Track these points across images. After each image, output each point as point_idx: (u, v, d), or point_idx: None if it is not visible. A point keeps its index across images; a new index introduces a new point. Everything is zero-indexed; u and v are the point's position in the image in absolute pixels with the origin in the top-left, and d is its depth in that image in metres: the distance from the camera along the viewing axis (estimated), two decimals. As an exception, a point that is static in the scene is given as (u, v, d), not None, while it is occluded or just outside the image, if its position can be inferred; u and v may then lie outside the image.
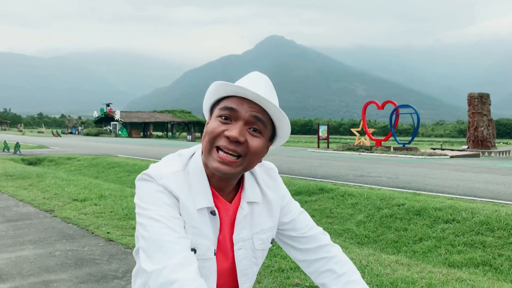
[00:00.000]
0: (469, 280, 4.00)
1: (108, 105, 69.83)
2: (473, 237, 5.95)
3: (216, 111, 1.31)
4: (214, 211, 1.34)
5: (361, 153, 25.85)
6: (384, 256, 4.83)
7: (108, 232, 5.58)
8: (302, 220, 1.54)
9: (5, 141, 23.51)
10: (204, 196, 1.33)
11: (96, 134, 63.95)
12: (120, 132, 64.36)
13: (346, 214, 7.48)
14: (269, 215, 1.46)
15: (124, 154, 20.29)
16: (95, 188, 8.94)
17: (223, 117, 1.29)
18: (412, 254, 5.86)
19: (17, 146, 20.00)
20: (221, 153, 1.27)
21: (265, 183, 1.48)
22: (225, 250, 1.39)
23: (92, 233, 5.64)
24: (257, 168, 1.48)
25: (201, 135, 1.41)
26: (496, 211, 6.51)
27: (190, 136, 54.77)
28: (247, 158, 1.29)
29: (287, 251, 1.59)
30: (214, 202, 1.36)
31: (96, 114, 73.40)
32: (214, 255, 1.35)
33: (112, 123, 67.19)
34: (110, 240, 5.28)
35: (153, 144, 34.81)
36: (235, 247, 1.39)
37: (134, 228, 5.76)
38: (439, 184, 10.52)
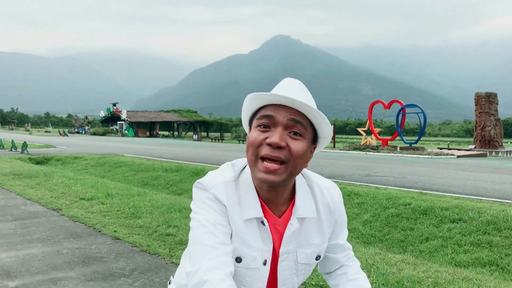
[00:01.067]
0: (476, 280, 3.99)
1: (114, 104, 70.05)
2: (479, 236, 5.93)
3: (255, 122, 1.33)
4: (264, 221, 1.36)
5: (368, 152, 25.80)
6: (390, 255, 4.83)
7: (115, 231, 5.61)
8: (344, 245, 1.57)
9: (12, 140, 23.66)
10: (252, 207, 1.35)
11: (103, 134, 64.20)
12: (126, 131, 64.57)
13: (352, 213, 7.47)
14: (318, 231, 1.45)
15: (131, 153, 20.37)
16: (102, 187, 8.99)
17: (262, 126, 1.30)
18: (419, 254, 5.85)
19: (25, 145, 20.11)
20: (265, 163, 1.27)
21: (324, 200, 1.46)
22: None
23: (99, 231, 5.67)
24: (320, 182, 1.48)
25: (207, 134, 1.42)
26: (503, 210, 6.48)
27: (196, 136, 54.85)
28: (291, 163, 1.28)
29: (319, 263, 1.62)
30: (264, 215, 1.37)
31: (102, 113, 73.66)
32: (264, 264, 1.38)
33: (118, 122, 67.41)
34: (117, 239, 5.31)
35: (159, 144, 34.91)
36: (279, 259, 1.40)
37: (140, 227, 5.81)
38: (445, 184, 10.49)
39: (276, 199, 1.37)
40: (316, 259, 1.47)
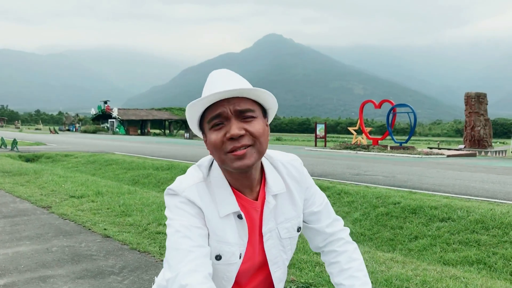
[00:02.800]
0: (463, 278, 4.03)
1: (105, 102, 69.70)
2: (468, 235, 5.99)
3: (207, 126, 1.35)
4: (241, 215, 1.40)
5: (358, 151, 25.90)
6: (379, 253, 4.86)
7: (105, 229, 5.59)
8: (326, 212, 1.58)
9: (2, 137, 23.45)
10: (228, 202, 1.39)
11: (94, 132, 63.86)
12: (117, 129, 64.25)
13: (342, 212, 7.51)
14: (292, 204, 1.50)
15: (122, 151, 20.28)
16: (92, 185, 8.95)
17: (215, 126, 1.33)
18: (408, 252, 5.89)
19: (15, 142, 19.96)
20: (233, 153, 1.31)
21: (288, 173, 1.51)
22: (254, 243, 1.45)
23: (89, 229, 5.65)
24: (279, 158, 1.53)
25: None
26: (491, 210, 6.54)
27: (188, 134, 54.71)
28: (257, 143, 1.33)
29: (307, 238, 1.65)
30: (241, 204, 1.41)
31: (93, 111, 73.23)
32: (240, 258, 1.41)
33: (109, 120, 67.07)
34: (107, 237, 5.29)
35: (151, 142, 34.79)
36: (264, 238, 1.45)
37: (131, 225, 5.80)
38: (435, 183, 10.56)
39: (250, 183, 1.41)
40: (298, 230, 1.53)
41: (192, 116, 1.37)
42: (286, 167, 1.51)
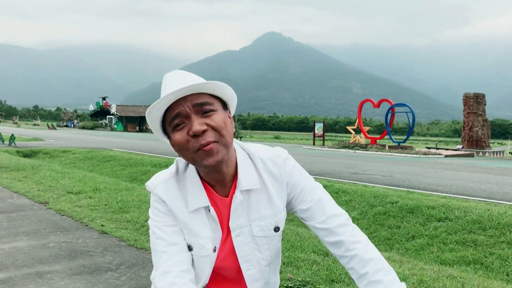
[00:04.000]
0: (460, 278, 4.04)
1: (104, 98, 69.63)
2: (465, 235, 6.00)
3: (169, 128, 1.35)
4: (210, 209, 1.40)
5: (356, 151, 25.91)
6: (376, 252, 4.86)
7: (102, 225, 5.59)
8: (320, 208, 1.49)
9: (0, 133, 23.41)
10: (198, 197, 1.40)
11: (92, 128, 63.78)
12: (115, 126, 64.21)
13: (340, 211, 7.50)
14: (268, 201, 1.45)
15: (120, 148, 20.26)
16: (90, 181, 8.94)
17: (177, 126, 1.32)
18: (405, 252, 5.90)
19: (12, 138, 19.93)
20: (202, 150, 1.30)
21: (266, 169, 1.46)
22: (226, 239, 1.45)
23: (86, 225, 5.65)
24: (260, 153, 1.48)
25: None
26: (488, 210, 6.56)
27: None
28: (221, 137, 1.31)
29: None
30: (211, 199, 1.41)
31: (92, 107, 73.17)
32: (214, 251, 1.43)
33: (108, 116, 67.02)
34: (104, 233, 5.29)
35: (149, 139, 34.76)
36: (232, 234, 1.43)
37: (128, 221, 5.79)
38: (432, 183, 10.58)
39: (224, 179, 1.41)
40: (275, 230, 1.47)
41: (153, 121, 1.36)
42: (264, 162, 1.46)
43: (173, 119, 1.32)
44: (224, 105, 1.39)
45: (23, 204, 6.89)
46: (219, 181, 1.41)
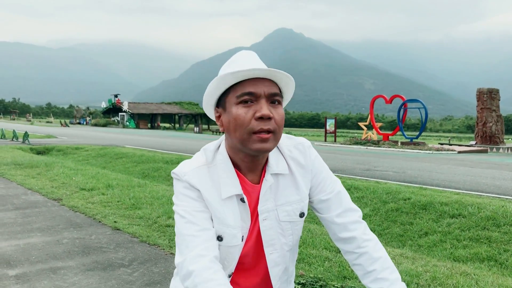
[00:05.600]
0: (474, 275, 4.00)
1: (116, 96, 69.97)
2: (478, 232, 5.94)
3: (233, 100, 1.32)
4: (243, 198, 1.40)
5: (368, 147, 25.78)
6: (389, 249, 4.84)
7: (115, 221, 5.63)
8: (337, 201, 1.51)
9: (14, 130, 23.67)
10: (231, 184, 1.39)
11: (104, 125, 64.17)
12: (127, 123, 64.53)
13: (352, 207, 7.47)
14: (295, 187, 1.47)
15: (132, 145, 20.38)
16: (103, 178, 9.00)
17: (244, 102, 1.31)
18: (417, 248, 5.86)
19: (26, 135, 20.14)
20: (260, 134, 1.30)
21: (292, 156, 1.48)
22: (251, 220, 1.44)
23: (99, 222, 5.69)
24: (285, 141, 1.50)
25: (208, 127, 1.43)
26: (502, 206, 6.49)
27: (197, 128, 54.83)
28: (277, 131, 1.33)
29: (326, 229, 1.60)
30: (243, 187, 1.41)
31: (104, 105, 73.56)
32: (242, 241, 1.41)
33: (120, 114, 67.33)
34: (117, 229, 5.32)
35: (160, 136, 34.91)
36: (260, 218, 1.43)
37: (140, 218, 5.82)
38: (446, 179, 10.49)
39: (257, 166, 1.42)
40: (300, 216, 1.48)
41: (217, 89, 1.34)
42: (290, 150, 1.49)
43: (244, 94, 1.30)
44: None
45: (37, 201, 6.96)
46: (252, 168, 1.42)
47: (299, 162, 1.48)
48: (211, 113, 1.44)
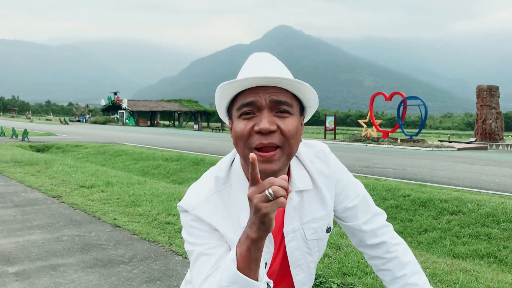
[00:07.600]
0: (473, 271, 4.00)
1: (115, 93, 69.92)
2: (478, 229, 5.95)
3: (235, 112, 1.20)
4: None
5: (368, 144, 25.79)
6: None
7: (114, 219, 5.63)
8: (364, 207, 1.42)
9: (13, 128, 23.65)
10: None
11: (104, 122, 64.14)
12: (127, 120, 64.49)
13: (351, 204, 7.48)
14: (320, 202, 1.35)
15: (131, 142, 20.37)
16: (102, 175, 9.00)
17: (244, 114, 1.18)
18: (417, 245, 5.87)
19: (25, 133, 20.12)
20: (260, 153, 1.15)
21: (315, 167, 1.36)
22: (276, 242, 1.31)
23: (99, 219, 5.69)
24: (305, 151, 1.37)
25: (208, 124, 1.33)
26: (502, 203, 6.49)
27: (197, 126, 54.80)
28: (286, 145, 1.18)
29: (348, 236, 1.50)
30: None
31: (103, 102, 73.52)
32: (265, 268, 1.27)
33: (119, 111, 67.30)
34: (117, 226, 5.33)
35: (160, 133, 34.90)
36: (286, 239, 1.31)
37: (140, 215, 5.82)
38: (445, 176, 10.49)
39: None
40: (327, 231, 1.38)
41: (221, 99, 1.22)
42: (312, 161, 1.36)
43: (244, 105, 1.17)
44: (302, 110, 1.26)
45: (36, 198, 6.96)
46: None
47: (323, 173, 1.36)
48: (227, 123, 1.32)
